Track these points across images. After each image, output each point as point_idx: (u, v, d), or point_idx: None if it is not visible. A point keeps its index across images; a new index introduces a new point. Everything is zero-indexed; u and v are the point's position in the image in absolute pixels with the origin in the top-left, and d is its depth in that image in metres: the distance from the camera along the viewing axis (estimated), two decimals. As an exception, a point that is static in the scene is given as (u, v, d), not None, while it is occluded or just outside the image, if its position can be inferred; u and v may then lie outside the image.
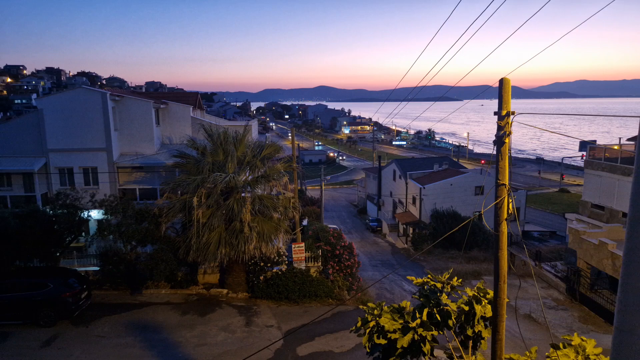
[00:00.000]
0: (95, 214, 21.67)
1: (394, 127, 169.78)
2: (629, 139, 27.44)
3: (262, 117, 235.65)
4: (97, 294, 19.51)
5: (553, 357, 7.57)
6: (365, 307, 9.28)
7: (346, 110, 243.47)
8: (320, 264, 21.76)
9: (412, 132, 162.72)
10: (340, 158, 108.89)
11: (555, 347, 7.65)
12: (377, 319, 8.71)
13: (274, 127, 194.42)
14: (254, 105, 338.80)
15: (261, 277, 20.27)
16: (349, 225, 49.29)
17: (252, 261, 20.05)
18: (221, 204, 18.21)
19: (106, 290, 20.27)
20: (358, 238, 42.49)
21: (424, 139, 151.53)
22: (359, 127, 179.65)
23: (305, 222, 32.64)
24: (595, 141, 30.16)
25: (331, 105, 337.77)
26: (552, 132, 9.73)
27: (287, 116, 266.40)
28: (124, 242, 19.95)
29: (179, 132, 26.62)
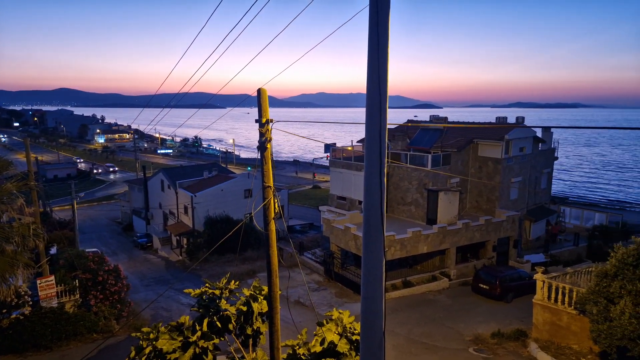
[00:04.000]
0: None
1: (158, 135, 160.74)
2: (358, 141, 33.97)
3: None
4: None
5: (319, 334, 8.65)
6: (139, 334, 8.47)
7: (99, 117, 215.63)
8: (78, 296, 18.69)
9: (178, 139, 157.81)
10: (96, 171, 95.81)
11: (321, 325, 8.77)
12: (154, 342, 8.06)
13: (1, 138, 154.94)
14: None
15: (-7, 329, 15.89)
16: (113, 245, 43.97)
17: (-23, 311, 15.50)
18: None
19: None
20: (126, 258, 38.43)
21: (191, 146, 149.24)
22: (117, 135, 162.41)
23: (53, 251, 27.49)
24: (335, 144, 36.10)
25: (79, 110, 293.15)
26: (302, 137, 11.09)
27: (17, 124, 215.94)
28: None
29: None
